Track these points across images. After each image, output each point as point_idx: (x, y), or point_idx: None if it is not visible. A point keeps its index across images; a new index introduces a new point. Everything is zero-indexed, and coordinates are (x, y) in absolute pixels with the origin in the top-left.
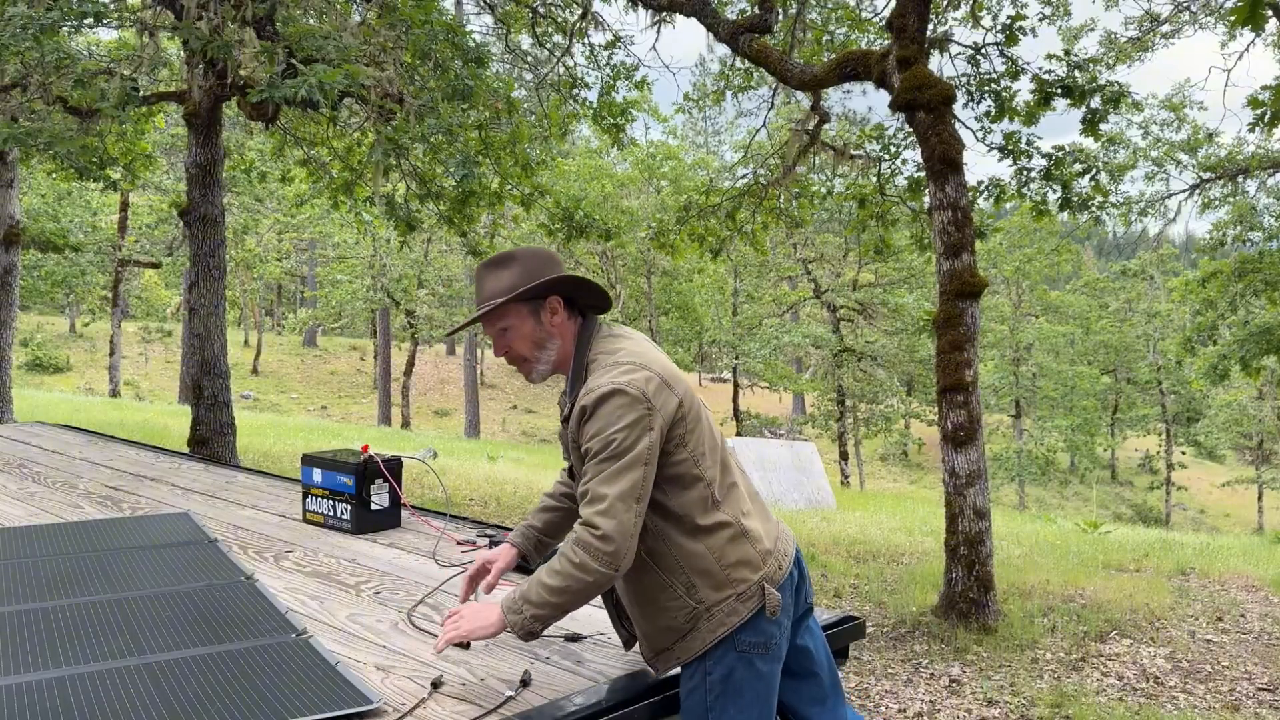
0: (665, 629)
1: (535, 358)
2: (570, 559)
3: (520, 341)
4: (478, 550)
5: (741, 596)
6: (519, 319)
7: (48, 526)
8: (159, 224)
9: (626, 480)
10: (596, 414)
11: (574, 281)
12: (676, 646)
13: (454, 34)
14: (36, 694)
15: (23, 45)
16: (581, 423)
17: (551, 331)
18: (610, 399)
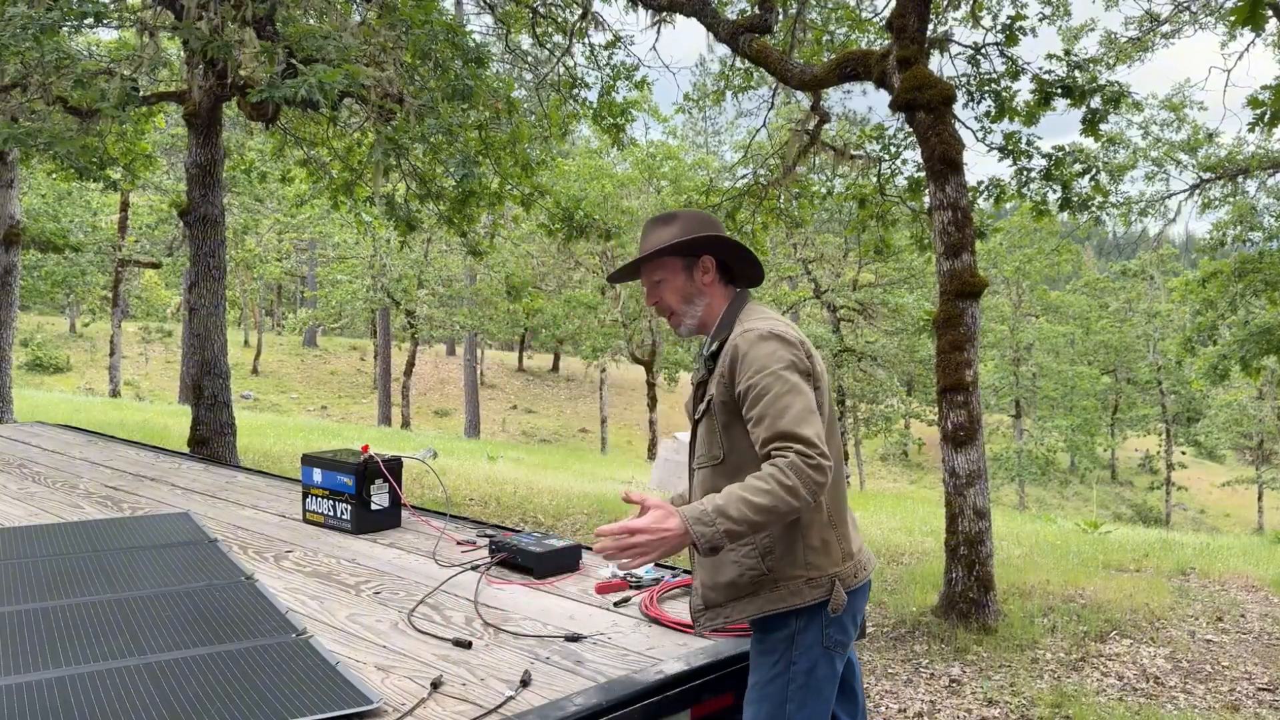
0: (726, 585)
1: (683, 311)
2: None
3: (671, 294)
4: (476, 551)
5: (811, 582)
6: (672, 272)
7: (48, 526)
8: (159, 224)
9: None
10: (754, 352)
11: (729, 245)
12: (729, 606)
13: (454, 34)
14: (36, 694)
15: (23, 45)
16: (736, 363)
17: (701, 289)
18: (769, 340)
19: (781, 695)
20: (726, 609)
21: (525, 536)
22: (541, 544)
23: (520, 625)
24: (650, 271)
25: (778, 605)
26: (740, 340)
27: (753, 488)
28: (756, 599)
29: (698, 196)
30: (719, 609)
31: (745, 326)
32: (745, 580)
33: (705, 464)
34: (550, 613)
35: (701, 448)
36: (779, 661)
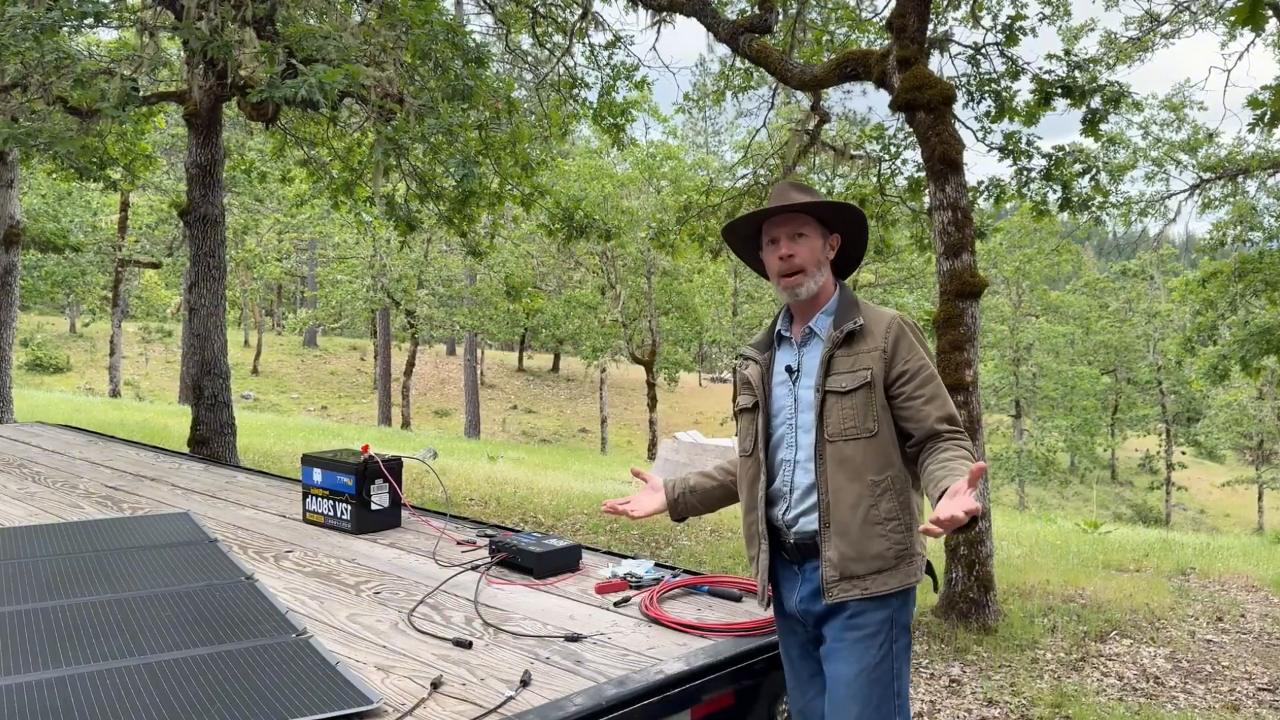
0: (875, 556)
1: (812, 274)
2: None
3: (808, 253)
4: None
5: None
6: (815, 235)
7: (48, 526)
8: (159, 224)
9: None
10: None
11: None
12: (869, 579)
13: (454, 34)
14: (36, 694)
15: (23, 45)
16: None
17: (825, 261)
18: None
19: (889, 675)
20: (866, 581)
21: (525, 536)
22: (541, 544)
23: (520, 625)
24: (797, 224)
25: (908, 580)
26: (902, 322)
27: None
28: (897, 573)
29: (698, 196)
30: (857, 580)
31: (890, 313)
32: (891, 554)
33: (857, 436)
34: (550, 613)
35: (848, 421)
36: (883, 643)
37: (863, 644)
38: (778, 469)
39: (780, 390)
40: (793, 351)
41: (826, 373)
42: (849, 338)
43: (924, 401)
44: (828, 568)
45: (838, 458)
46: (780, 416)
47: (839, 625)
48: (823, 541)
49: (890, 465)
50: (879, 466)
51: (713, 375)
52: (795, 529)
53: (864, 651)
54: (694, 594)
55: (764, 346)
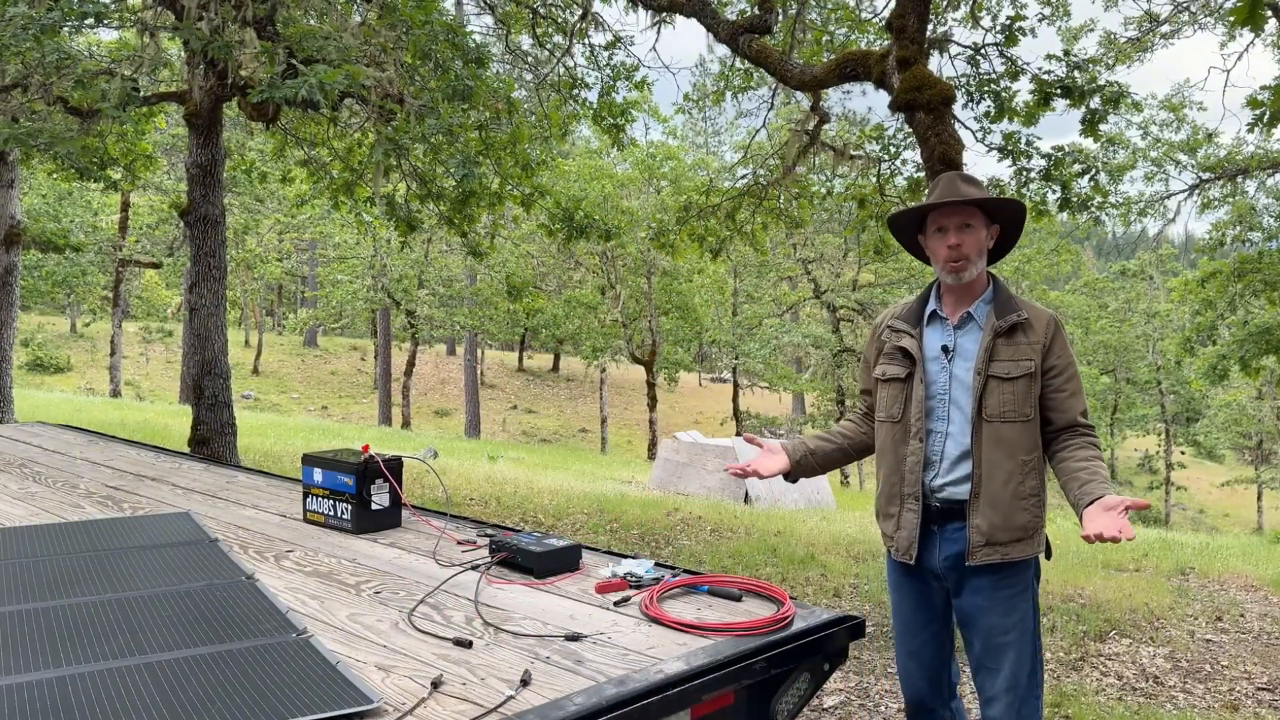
0: (1017, 527)
1: (975, 262)
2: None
3: (974, 243)
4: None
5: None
6: (980, 226)
7: (48, 526)
8: (159, 224)
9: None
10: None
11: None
12: (1011, 545)
13: (454, 34)
14: (36, 694)
15: (23, 45)
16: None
17: (985, 250)
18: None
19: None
20: (1007, 548)
21: (525, 536)
22: (541, 544)
23: (520, 625)
24: (965, 215)
25: (1038, 549)
26: (1058, 322)
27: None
28: (1032, 543)
29: (697, 197)
30: (999, 546)
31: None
32: (1032, 526)
33: (1015, 419)
34: (550, 612)
35: (1009, 405)
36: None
37: (1015, 599)
38: (932, 439)
39: (934, 366)
40: (947, 332)
41: (990, 358)
42: (1012, 329)
43: (1068, 396)
44: (975, 534)
45: (994, 437)
46: (934, 389)
47: (990, 583)
48: (972, 510)
49: (1037, 447)
50: (1029, 447)
51: (713, 375)
52: (942, 494)
53: (1016, 605)
54: (694, 594)
55: (914, 321)
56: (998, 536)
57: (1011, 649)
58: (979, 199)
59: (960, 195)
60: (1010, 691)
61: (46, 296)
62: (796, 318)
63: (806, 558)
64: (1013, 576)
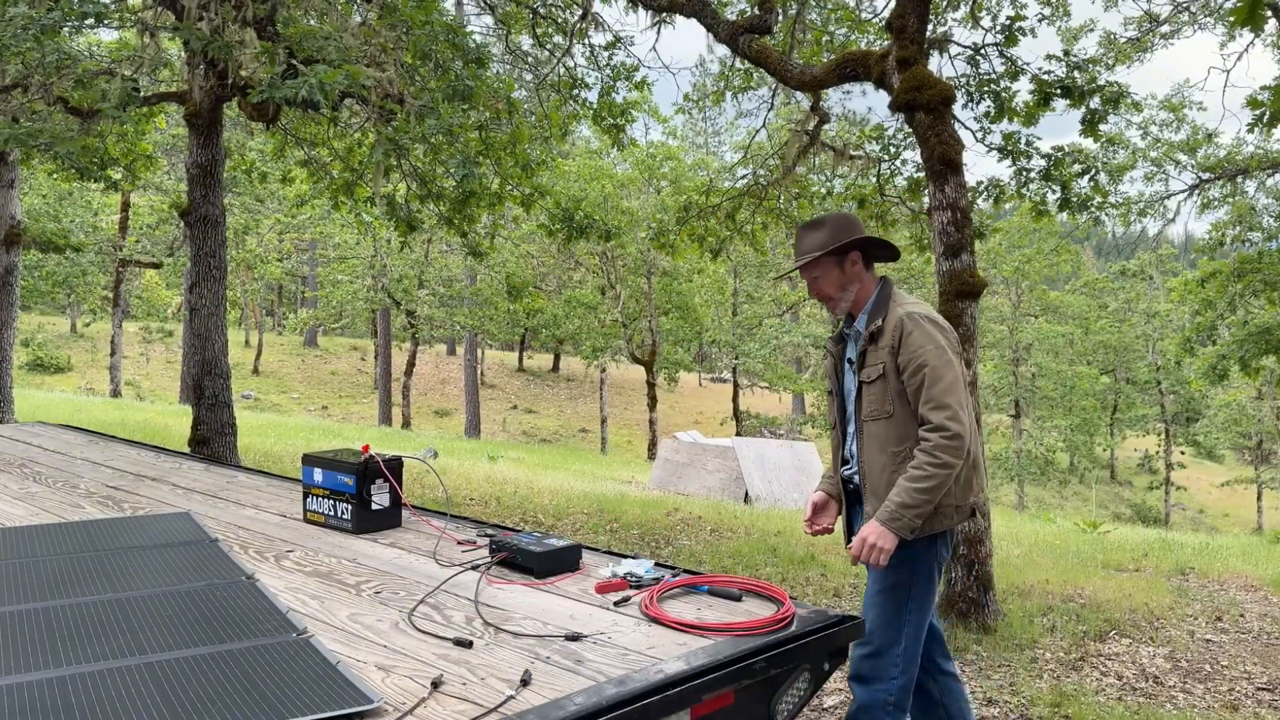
0: None
1: (840, 297)
2: (933, 463)
3: (828, 285)
4: (484, 558)
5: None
6: (828, 268)
7: (48, 526)
8: (160, 224)
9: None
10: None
11: (871, 240)
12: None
13: (454, 34)
14: (36, 694)
15: (24, 45)
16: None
17: (852, 277)
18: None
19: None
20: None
21: (525, 536)
22: (541, 544)
23: (520, 625)
24: (809, 270)
25: (934, 527)
26: (906, 320)
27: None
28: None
29: (697, 197)
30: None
31: (906, 309)
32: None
33: (878, 417)
34: (550, 612)
35: (873, 405)
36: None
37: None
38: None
39: (847, 379)
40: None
41: (862, 364)
42: (873, 336)
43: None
44: (864, 518)
45: (868, 434)
46: (847, 398)
47: None
48: (863, 498)
49: (907, 438)
50: (897, 439)
51: (713, 375)
52: (853, 485)
53: (885, 575)
54: (694, 594)
55: (837, 340)
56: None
57: (874, 609)
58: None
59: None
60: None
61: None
62: (796, 318)
63: (806, 558)
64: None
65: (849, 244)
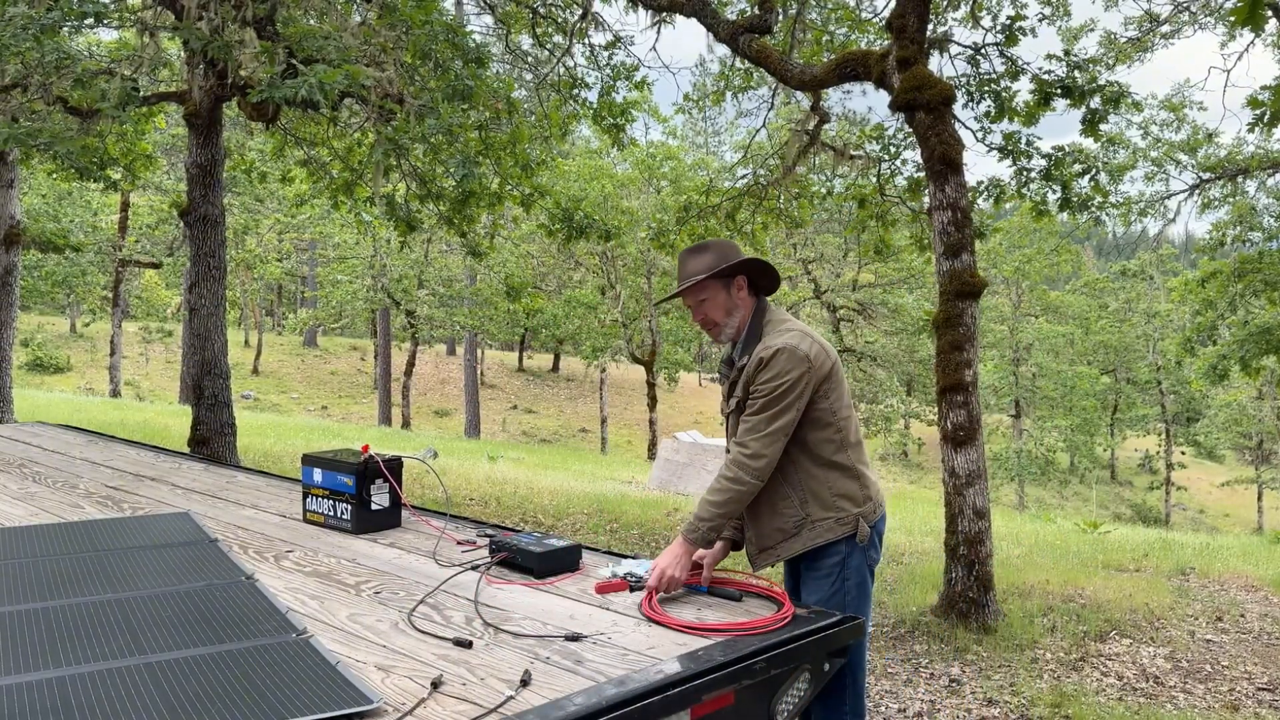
0: (776, 530)
1: (725, 322)
2: (727, 477)
3: (714, 309)
4: (479, 556)
5: (840, 521)
6: (714, 292)
7: (48, 526)
8: (159, 224)
9: (782, 420)
10: (771, 364)
11: (758, 265)
12: (780, 546)
13: (454, 34)
14: (36, 694)
15: (23, 45)
16: (758, 370)
17: (738, 302)
18: (782, 355)
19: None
20: (778, 549)
21: (525, 536)
22: (541, 544)
23: (520, 625)
24: (696, 293)
25: (815, 541)
26: (763, 353)
27: (712, 489)
28: (800, 538)
29: (697, 196)
30: (770, 550)
31: (765, 342)
32: (790, 525)
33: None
34: (550, 613)
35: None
36: (835, 581)
37: (816, 582)
38: None
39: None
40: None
41: (730, 394)
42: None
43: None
44: (749, 545)
45: None
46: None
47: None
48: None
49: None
50: None
51: (713, 375)
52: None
53: (816, 587)
54: (694, 594)
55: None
56: (764, 542)
57: None
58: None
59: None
60: None
61: (46, 296)
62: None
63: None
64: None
65: (734, 266)
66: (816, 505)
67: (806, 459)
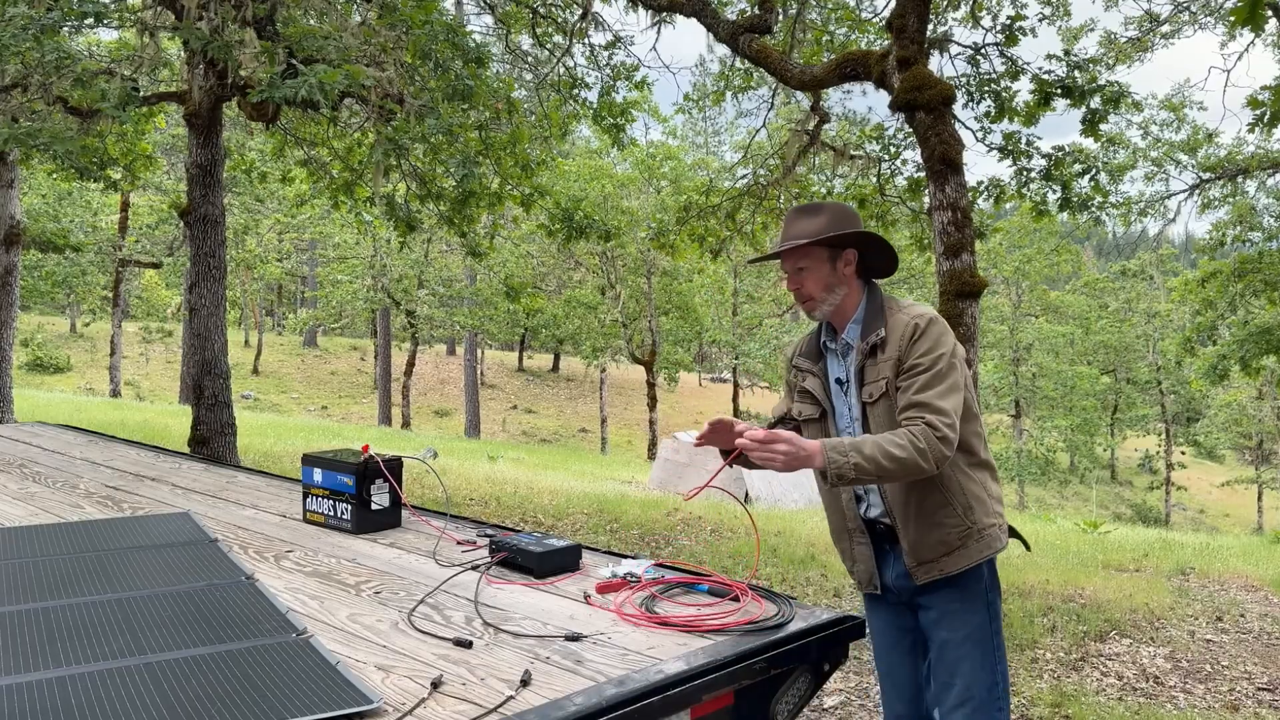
0: (938, 543)
1: (823, 299)
2: (915, 443)
3: (813, 282)
4: (480, 548)
5: (1000, 528)
6: (818, 261)
7: (48, 526)
8: (159, 224)
9: (958, 397)
10: (927, 333)
11: (874, 239)
12: (943, 560)
13: (454, 34)
14: (36, 694)
15: (23, 45)
16: (914, 341)
17: (843, 278)
18: (936, 323)
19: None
20: (941, 563)
21: (525, 536)
22: (541, 544)
23: (520, 625)
24: (796, 259)
25: (984, 553)
26: (918, 320)
27: (891, 440)
28: (967, 550)
29: (698, 196)
30: (932, 563)
31: (913, 312)
32: (954, 536)
33: None
34: (550, 613)
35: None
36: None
37: (965, 612)
38: None
39: (838, 402)
40: (838, 362)
41: (861, 384)
42: (873, 349)
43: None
44: (907, 556)
45: None
46: (843, 423)
47: (942, 597)
48: (898, 532)
49: None
50: None
51: (713, 375)
52: (878, 521)
53: (968, 618)
54: (694, 594)
55: (815, 357)
56: (924, 555)
57: (965, 661)
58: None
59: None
60: (965, 704)
61: (46, 296)
62: (796, 317)
63: (806, 558)
64: (960, 589)
65: (848, 236)
66: (981, 511)
67: (963, 459)
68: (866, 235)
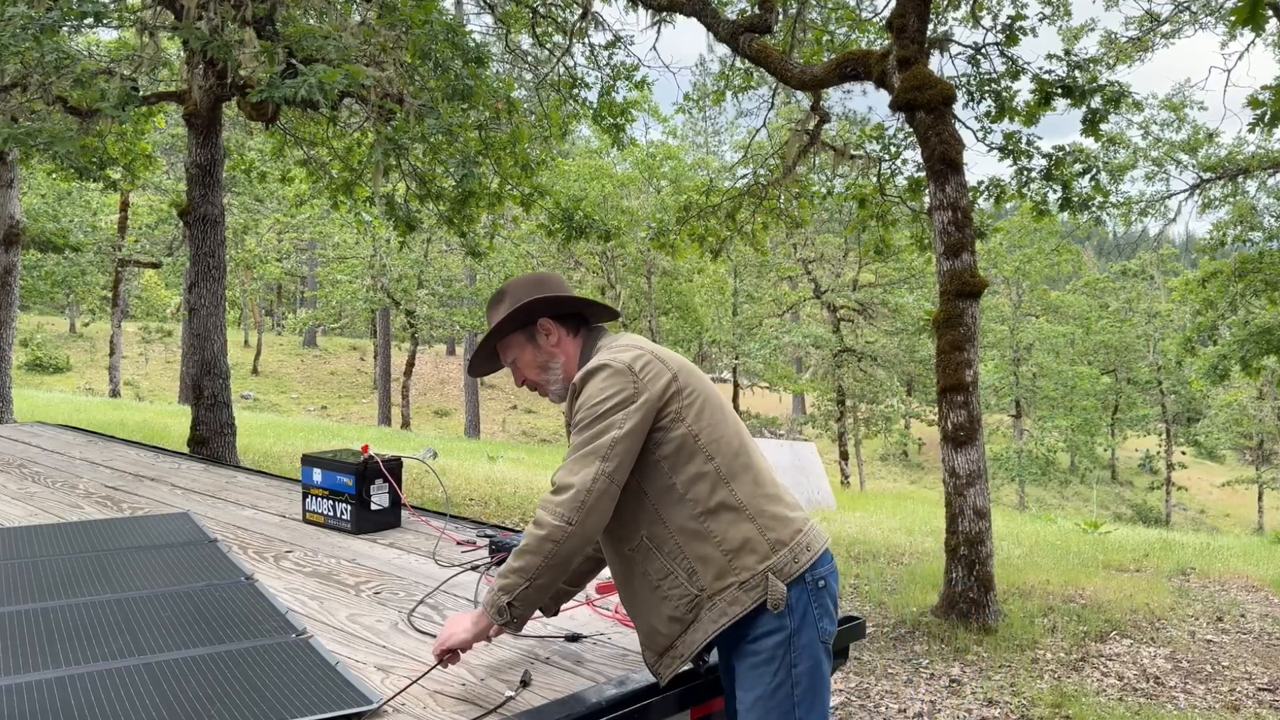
0: (668, 619)
1: (544, 380)
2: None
3: (528, 368)
4: (477, 550)
5: (745, 585)
6: (519, 349)
7: (48, 526)
8: (159, 224)
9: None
10: (583, 390)
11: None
12: (679, 642)
13: (454, 34)
14: (36, 694)
15: (23, 45)
16: (572, 402)
17: (552, 352)
18: (596, 374)
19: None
20: (678, 647)
21: None
22: None
23: None
24: (504, 355)
25: (720, 621)
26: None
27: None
28: (701, 624)
29: (698, 196)
30: (671, 652)
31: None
32: (683, 609)
33: None
34: None
35: None
36: (778, 669)
37: (755, 670)
38: None
39: None
40: None
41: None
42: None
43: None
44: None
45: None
46: None
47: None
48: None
49: (637, 526)
50: (624, 535)
51: (713, 375)
52: None
53: (759, 679)
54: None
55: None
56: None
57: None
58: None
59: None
60: None
61: (46, 296)
62: (797, 318)
63: None
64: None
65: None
66: (709, 572)
67: (678, 511)
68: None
